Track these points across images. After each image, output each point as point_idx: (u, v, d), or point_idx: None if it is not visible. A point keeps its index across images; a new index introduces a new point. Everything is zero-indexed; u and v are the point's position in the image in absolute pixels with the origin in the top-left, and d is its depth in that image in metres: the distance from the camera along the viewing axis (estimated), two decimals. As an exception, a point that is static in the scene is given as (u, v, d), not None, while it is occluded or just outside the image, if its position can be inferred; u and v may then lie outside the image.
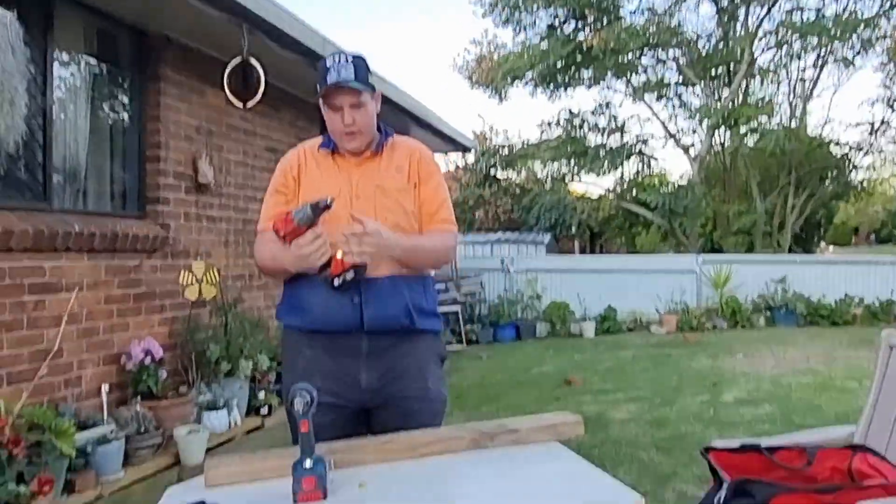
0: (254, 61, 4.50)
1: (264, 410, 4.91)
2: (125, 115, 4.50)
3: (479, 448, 1.86)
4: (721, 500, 1.80)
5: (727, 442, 2.14)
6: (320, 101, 2.06)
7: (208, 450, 4.05)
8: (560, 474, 1.69)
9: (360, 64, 2.03)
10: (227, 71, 4.53)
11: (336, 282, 1.92)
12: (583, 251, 19.44)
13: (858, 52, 15.22)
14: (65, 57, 4.03)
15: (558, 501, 1.51)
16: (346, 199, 2.01)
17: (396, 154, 2.12)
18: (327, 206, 1.85)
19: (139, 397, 3.97)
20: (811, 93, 16.69)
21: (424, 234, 2.11)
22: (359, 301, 1.98)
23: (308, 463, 1.55)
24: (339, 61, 2.00)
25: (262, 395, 4.94)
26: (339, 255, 1.90)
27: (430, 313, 2.12)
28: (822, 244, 23.73)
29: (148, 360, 4.03)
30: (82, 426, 3.47)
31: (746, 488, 1.77)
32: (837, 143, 16.91)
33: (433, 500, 1.54)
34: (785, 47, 15.49)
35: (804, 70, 16.46)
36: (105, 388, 3.80)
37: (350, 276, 1.92)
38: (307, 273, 2.00)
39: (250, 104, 4.63)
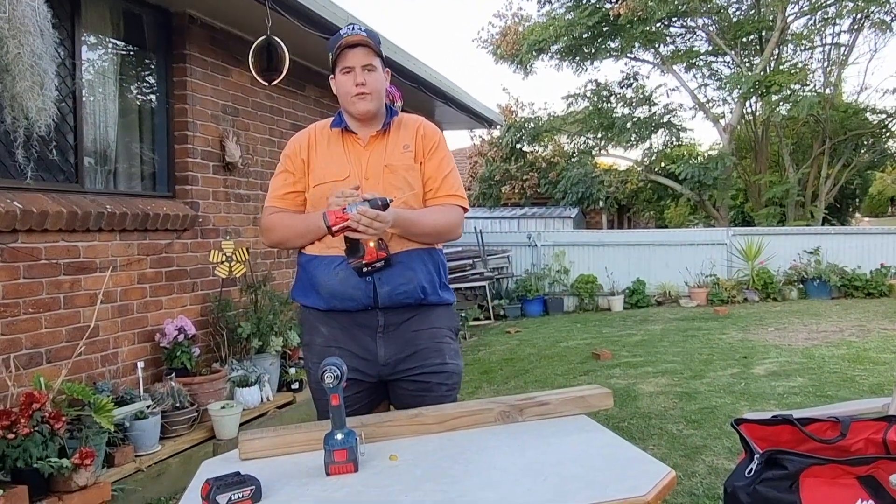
0: (277, 39, 4.51)
1: (295, 386, 4.98)
2: (152, 96, 4.54)
3: (509, 421, 1.88)
4: (753, 472, 1.79)
5: (759, 414, 2.12)
6: (331, 74, 2.11)
7: (242, 424, 4.14)
8: (589, 448, 1.70)
9: (371, 33, 2.08)
10: (252, 50, 4.54)
11: (366, 269, 1.96)
12: (610, 225, 19.26)
13: (896, 16, 14.72)
14: (92, 39, 4.07)
15: (588, 474, 1.51)
16: (357, 179, 2.05)
17: (402, 132, 2.14)
18: (386, 205, 1.87)
19: (174, 374, 4.05)
20: (846, 59, 16.22)
21: (432, 208, 2.12)
22: (371, 279, 2.01)
23: (339, 436, 1.58)
24: (353, 29, 2.07)
25: (292, 370, 5.01)
26: (372, 244, 1.93)
27: (442, 286, 2.15)
28: (857, 215, 23.22)
29: (181, 338, 4.10)
30: (120, 402, 3.56)
31: (779, 459, 1.76)
32: (874, 111, 16.45)
33: (463, 473, 1.55)
34: (819, 12, 15.04)
35: (839, 35, 16.00)
36: (140, 364, 3.89)
37: (379, 265, 1.96)
38: (322, 254, 2.05)
39: (275, 82, 4.64)
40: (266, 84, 4.73)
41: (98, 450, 3.17)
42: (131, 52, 4.40)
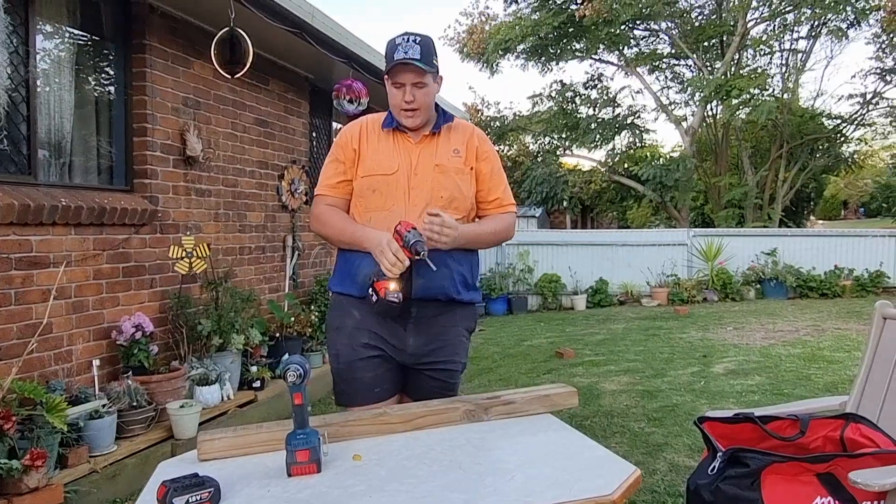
0: (241, 31, 4.42)
1: (257, 384, 4.90)
2: (110, 88, 4.41)
3: (474, 420, 1.86)
4: (716, 470, 1.81)
5: (720, 412, 2.14)
6: (385, 77, 2.15)
7: (201, 423, 4.05)
8: (555, 447, 1.69)
9: (426, 45, 2.10)
10: (215, 41, 4.44)
11: (371, 292, 2.00)
12: (574, 225, 19.43)
13: (852, 24, 15.14)
14: (47, 28, 3.93)
15: (554, 474, 1.50)
16: (405, 174, 2.12)
17: (454, 136, 2.21)
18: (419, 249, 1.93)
19: (130, 372, 3.94)
20: (804, 65, 16.63)
21: (488, 218, 2.25)
22: (409, 272, 2.06)
23: (302, 435, 1.54)
24: (408, 41, 2.08)
25: (254, 369, 4.93)
26: (392, 286, 1.97)
27: (472, 287, 2.25)
28: (812, 218, 23.82)
29: (139, 335, 3.99)
30: (74, 401, 3.45)
31: (741, 457, 1.77)
32: (829, 116, 16.89)
33: (428, 473, 1.53)
34: (778, 18, 15.38)
35: (797, 41, 16.40)
36: (96, 362, 3.77)
37: (374, 298, 2.01)
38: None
39: (238, 75, 4.56)
40: (229, 77, 4.63)
41: (50, 450, 3.06)
42: (88, 42, 4.27)
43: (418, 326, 2.14)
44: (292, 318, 5.71)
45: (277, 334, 5.54)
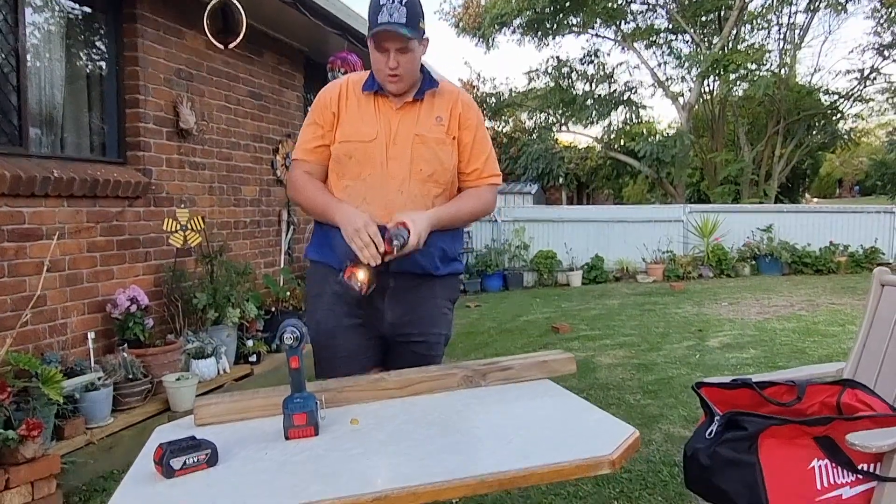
0: (234, 1, 4.36)
1: (253, 358, 4.91)
2: (102, 59, 4.35)
3: (472, 386, 1.86)
4: (713, 433, 1.81)
5: (718, 378, 2.14)
6: (368, 38, 2.04)
7: (197, 397, 4.05)
8: (554, 410, 1.69)
9: (412, 6, 1.97)
10: (207, 11, 4.38)
11: (344, 276, 1.91)
12: (570, 201, 19.41)
13: (850, -2, 15.04)
14: (37, 0, 3.87)
15: (553, 436, 1.50)
16: (383, 142, 2.03)
17: (437, 102, 2.10)
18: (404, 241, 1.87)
19: (126, 345, 3.93)
20: (801, 40, 16.52)
21: (466, 195, 2.15)
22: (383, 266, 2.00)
23: (299, 399, 1.54)
24: (393, 2, 1.94)
25: (250, 342, 4.93)
26: (360, 275, 1.89)
27: (452, 259, 2.18)
28: (807, 195, 23.84)
29: (133, 308, 3.98)
30: (69, 373, 3.44)
31: (738, 421, 1.77)
32: (826, 91, 16.82)
33: (426, 436, 1.52)
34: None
35: (795, 15, 16.28)
36: (91, 335, 3.76)
37: (340, 276, 1.92)
38: None
39: (231, 45, 4.49)
40: (222, 47, 4.57)
41: (46, 421, 3.06)
42: (79, 11, 4.20)
43: (396, 297, 2.08)
44: (287, 293, 5.69)
45: (273, 308, 5.53)
